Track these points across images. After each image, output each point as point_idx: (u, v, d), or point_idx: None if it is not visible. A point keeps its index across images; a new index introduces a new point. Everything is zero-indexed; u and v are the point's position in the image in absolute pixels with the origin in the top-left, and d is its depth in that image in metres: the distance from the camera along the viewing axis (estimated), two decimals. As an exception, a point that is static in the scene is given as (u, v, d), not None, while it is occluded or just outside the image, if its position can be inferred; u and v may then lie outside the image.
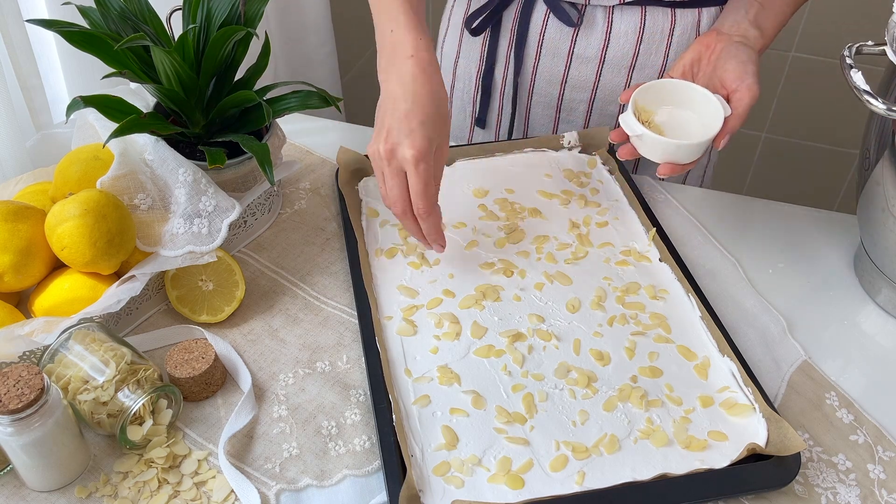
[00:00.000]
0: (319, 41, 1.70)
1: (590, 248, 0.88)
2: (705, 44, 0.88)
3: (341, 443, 0.72)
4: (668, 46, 1.00)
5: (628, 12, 0.98)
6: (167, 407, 0.72)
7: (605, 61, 1.01)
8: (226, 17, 0.82)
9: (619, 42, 1.00)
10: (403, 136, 0.74)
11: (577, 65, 1.02)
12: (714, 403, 0.73)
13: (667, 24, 0.99)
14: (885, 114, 0.71)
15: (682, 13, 0.99)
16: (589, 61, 1.02)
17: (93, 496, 0.67)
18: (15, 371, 0.63)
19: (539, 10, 1.00)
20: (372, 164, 0.77)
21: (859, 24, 1.70)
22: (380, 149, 0.75)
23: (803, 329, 0.83)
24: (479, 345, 0.77)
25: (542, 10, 1.00)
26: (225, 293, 0.81)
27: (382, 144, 0.75)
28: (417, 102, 0.74)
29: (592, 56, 1.01)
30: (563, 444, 0.69)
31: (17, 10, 0.94)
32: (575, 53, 1.02)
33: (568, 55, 1.02)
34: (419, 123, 0.74)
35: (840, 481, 0.70)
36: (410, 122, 0.74)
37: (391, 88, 0.76)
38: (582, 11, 0.99)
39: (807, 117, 1.92)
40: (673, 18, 0.99)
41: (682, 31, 1.00)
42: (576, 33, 1.00)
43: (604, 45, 1.00)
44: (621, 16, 0.98)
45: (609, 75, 1.03)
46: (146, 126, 0.78)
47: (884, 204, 0.80)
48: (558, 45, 1.02)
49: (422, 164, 0.74)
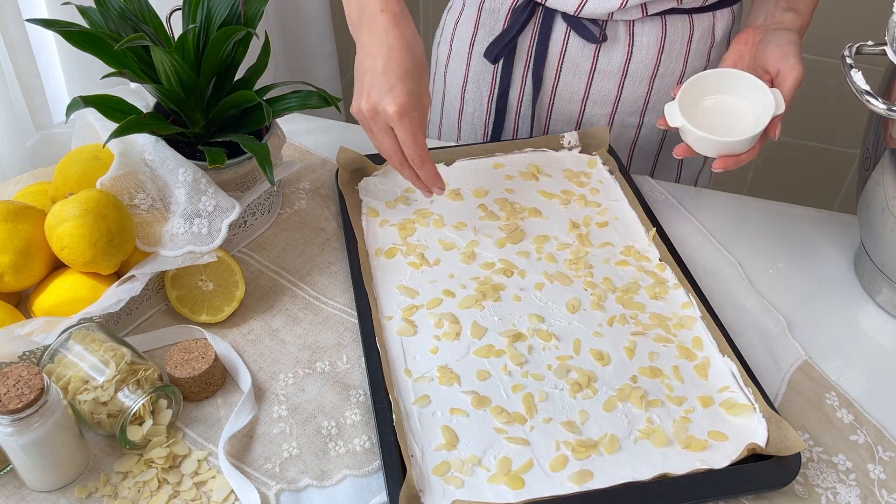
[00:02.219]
0: (319, 41, 1.70)
1: (590, 248, 0.88)
2: (743, 41, 0.88)
3: (341, 443, 0.72)
4: (687, 53, 1.01)
5: (649, 23, 0.98)
6: (167, 407, 0.72)
7: (628, 74, 1.01)
8: (226, 17, 0.82)
9: (642, 54, 0.99)
10: (385, 93, 0.75)
11: (599, 80, 1.02)
12: (714, 403, 0.73)
13: (686, 30, 0.99)
14: (885, 114, 0.71)
15: (699, 18, 0.99)
16: (612, 76, 1.01)
17: (93, 496, 0.67)
18: (15, 371, 0.63)
19: (559, 30, 0.99)
20: (359, 122, 0.79)
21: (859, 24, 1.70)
22: (363, 108, 0.77)
23: (803, 329, 0.83)
24: (479, 345, 0.77)
25: (561, 29, 0.99)
26: (225, 293, 0.81)
27: (365, 103, 0.76)
28: (394, 57, 0.76)
29: (615, 70, 1.01)
30: (563, 444, 0.69)
31: (17, 10, 0.94)
32: (597, 69, 1.01)
33: (590, 71, 1.01)
34: (398, 79, 0.75)
35: (840, 481, 0.70)
36: (389, 79, 0.75)
37: (366, 43, 0.77)
38: (603, 27, 0.98)
39: (807, 117, 1.92)
40: (691, 25, 0.99)
41: (701, 37, 1.00)
42: (598, 49, 0.99)
43: (626, 59, 1.00)
44: (643, 28, 0.98)
45: (630, 88, 1.02)
46: (146, 126, 0.78)
47: (884, 204, 0.80)
48: (580, 62, 1.01)
49: (405, 117, 0.76)
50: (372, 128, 0.78)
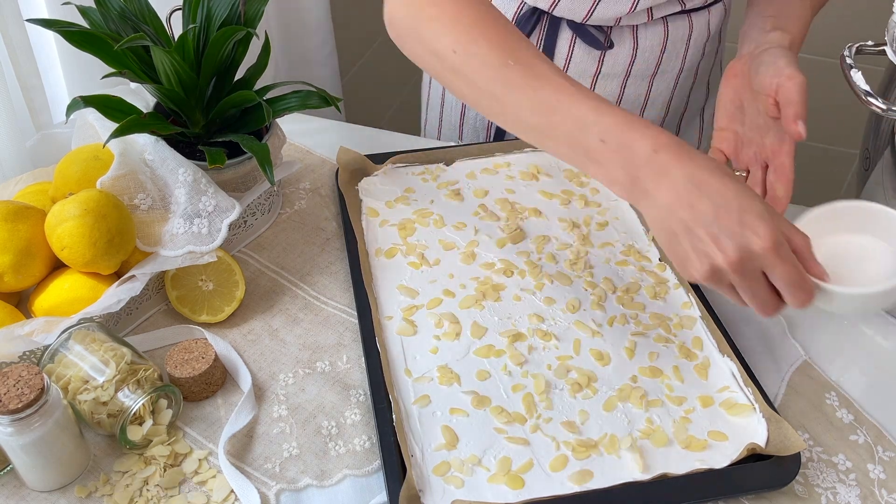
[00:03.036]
0: (319, 41, 1.70)
1: (590, 248, 0.88)
2: (733, 73, 0.80)
3: (341, 443, 0.72)
4: (686, 50, 1.01)
5: (652, 26, 0.98)
6: (167, 407, 0.72)
7: (630, 74, 1.01)
8: (226, 17, 0.82)
9: (645, 55, 1.00)
10: (739, 234, 0.58)
11: (603, 82, 1.02)
12: (714, 403, 0.73)
13: (686, 30, 1.00)
14: (885, 114, 0.72)
15: (697, 16, 1.00)
16: (615, 77, 1.02)
17: (93, 496, 0.67)
18: (15, 371, 0.63)
19: (564, 38, 0.99)
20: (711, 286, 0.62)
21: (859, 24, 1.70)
22: (719, 264, 0.59)
23: (803, 329, 0.83)
24: (479, 345, 0.77)
25: (567, 37, 0.99)
26: (225, 293, 0.81)
27: (720, 258, 0.59)
28: (716, 191, 0.59)
29: (619, 72, 1.01)
30: (563, 444, 0.69)
31: (17, 10, 0.94)
32: (602, 73, 1.01)
33: (594, 75, 1.01)
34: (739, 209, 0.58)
35: (840, 481, 0.70)
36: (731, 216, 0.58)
37: (663, 198, 0.60)
38: (608, 33, 0.98)
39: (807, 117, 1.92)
40: (690, 23, 1.00)
41: (699, 34, 1.01)
42: (603, 54, 1.00)
43: (630, 61, 1.00)
44: (646, 31, 0.98)
45: (632, 87, 1.03)
46: (146, 126, 0.78)
47: (884, 204, 0.80)
48: (585, 67, 1.01)
49: (781, 247, 0.58)
50: (739, 283, 0.60)
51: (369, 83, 2.02)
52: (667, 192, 0.60)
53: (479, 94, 0.68)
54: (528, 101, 0.65)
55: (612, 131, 0.62)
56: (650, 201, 0.62)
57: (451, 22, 0.68)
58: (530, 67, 0.65)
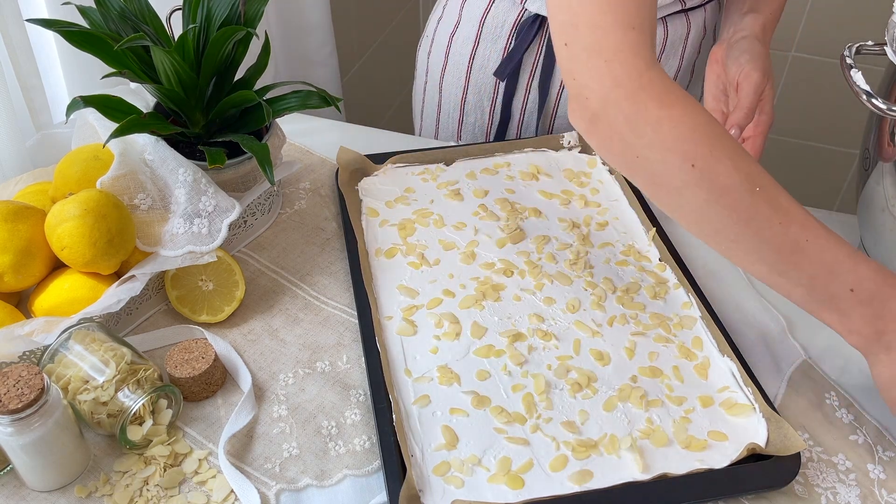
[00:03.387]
0: (319, 41, 1.70)
1: (590, 248, 0.88)
2: (714, 59, 0.88)
3: (341, 443, 0.72)
4: (683, 49, 1.02)
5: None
6: (167, 407, 0.72)
7: None
8: (226, 17, 0.82)
9: None
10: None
11: None
12: (714, 403, 0.73)
13: (684, 29, 1.01)
14: (885, 114, 0.71)
15: (694, 14, 1.00)
16: None
17: (93, 496, 0.67)
18: (15, 371, 0.63)
19: None
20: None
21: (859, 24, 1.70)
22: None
23: (803, 329, 0.83)
24: (479, 345, 0.77)
25: None
26: (225, 293, 0.81)
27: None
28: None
29: None
30: (563, 444, 0.69)
31: (17, 10, 0.94)
32: None
33: None
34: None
35: (840, 481, 0.70)
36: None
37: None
38: None
39: (807, 117, 1.92)
40: (688, 23, 1.00)
41: (696, 32, 1.01)
42: None
43: None
44: None
45: None
46: (146, 126, 0.78)
47: (884, 204, 0.80)
48: None
49: None
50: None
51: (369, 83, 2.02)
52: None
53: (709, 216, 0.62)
54: (772, 235, 0.61)
55: (865, 283, 0.60)
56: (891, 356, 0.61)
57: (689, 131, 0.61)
58: (776, 199, 0.60)
